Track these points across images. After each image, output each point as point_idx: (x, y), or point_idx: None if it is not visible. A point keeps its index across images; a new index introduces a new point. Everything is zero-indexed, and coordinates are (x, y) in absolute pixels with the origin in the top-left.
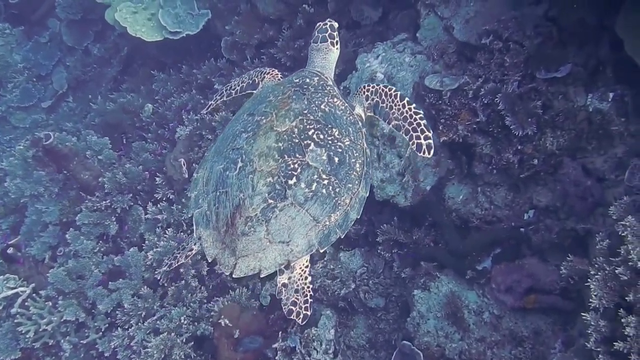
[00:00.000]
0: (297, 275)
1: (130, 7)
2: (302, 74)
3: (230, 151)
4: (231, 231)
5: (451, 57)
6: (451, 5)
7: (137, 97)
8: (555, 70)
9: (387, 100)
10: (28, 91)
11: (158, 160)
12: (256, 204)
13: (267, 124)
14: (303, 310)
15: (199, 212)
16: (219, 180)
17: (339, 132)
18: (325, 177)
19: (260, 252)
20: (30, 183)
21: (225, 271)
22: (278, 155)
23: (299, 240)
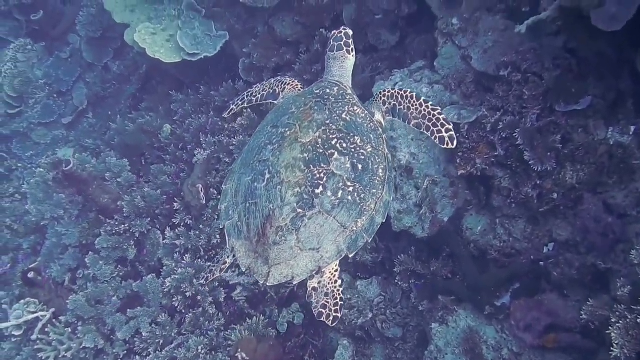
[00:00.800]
0: (327, 279)
1: (149, 29)
2: (322, 85)
3: (257, 163)
4: (263, 241)
5: (469, 87)
6: (469, 35)
7: (156, 118)
8: (575, 103)
9: (404, 102)
10: (49, 107)
11: (176, 183)
12: (286, 214)
13: (292, 136)
14: (333, 312)
15: (230, 224)
16: (248, 192)
17: (360, 139)
18: (350, 184)
19: (292, 260)
20: (51, 206)
21: (260, 280)
22: (304, 165)
23: (329, 247)
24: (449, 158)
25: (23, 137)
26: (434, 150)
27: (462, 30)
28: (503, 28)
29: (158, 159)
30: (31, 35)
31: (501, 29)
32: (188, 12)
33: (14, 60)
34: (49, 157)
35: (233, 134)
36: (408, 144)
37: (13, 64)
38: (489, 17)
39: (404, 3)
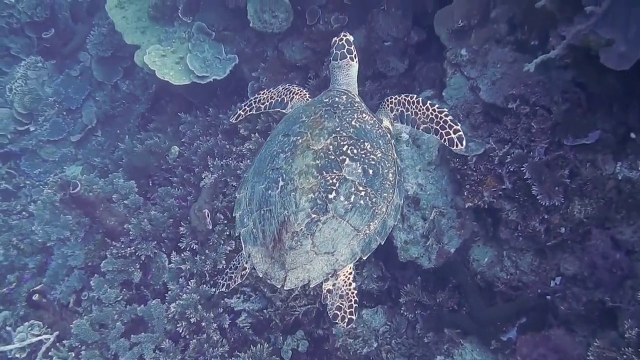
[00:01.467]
0: (341, 281)
1: (159, 51)
2: (331, 94)
3: (270, 171)
4: (279, 246)
5: (477, 118)
6: (477, 66)
7: (164, 139)
8: (584, 137)
9: (410, 108)
10: (58, 125)
11: (183, 206)
12: (301, 219)
13: (304, 144)
14: (348, 314)
15: (245, 231)
16: (262, 199)
17: (370, 145)
18: (362, 189)
19: (308, 264)
20: (57, 227)
21: (277, 284)
22: (317, 172)
23: (343, 250)
24: (456, 189)
25: (32, 154)
26: (441, 182)
27: (471, 62)
28: (512, 60)
29: (165, 180)
30: (42, 53)
31: (510, 61)
32: (198, 34)
33: (25, 78)
34: (57, 176)
35: (241, 158)
36: (415, 175)
37: (23, 81)
38: (498, 49)
39: (413, 31)
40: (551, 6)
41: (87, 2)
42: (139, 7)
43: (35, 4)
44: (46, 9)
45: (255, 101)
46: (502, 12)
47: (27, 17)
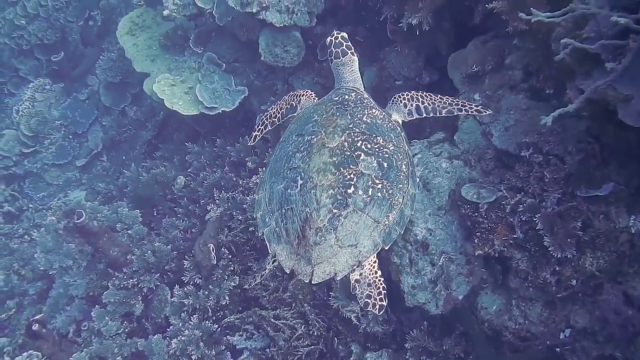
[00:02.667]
0: (367, 270)
1: (168, 80)
2: (340, 92)
3: (287, 171)
4: (304, 243)
5: (489, 164)
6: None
7: (170, 168)
8: (597, 189)
9: (426, 100)
10: (63, 148)
11: (187, 238)
12: (323, 215)
13: (319, 142)
14: (378, 301)
15: (268, 230)
16: (282, 199)
17: (382, 139)
18: (378, 182)
19: (333, 258)
20: (60, 255)
21: (305, 279)
22: (334, 168)
23: (365, 242)
24: (466, 235)
25: (36, 177)
26: (451, 227)
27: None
28: (525, 107)
29: (170, 210)
30: (50, 75)
31: (523, 108)
32: (208, 65)
33: (32, 100)
34: (61, 200)
35: (247, 191)
36: (425, 219)
37: (30, 103)
38: (512, 96)
39: (425, 71)
40: (570, 59)
41: (97, 26)
42: (150, 35)
43: (46, 26)
44: (56, 32)
45: (267, 117)
46: (517, 59)
47: (37, 39)
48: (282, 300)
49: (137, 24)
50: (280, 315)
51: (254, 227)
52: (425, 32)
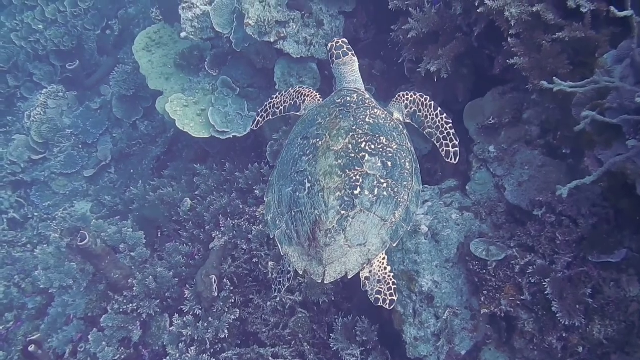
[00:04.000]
0: (376, 267)
1: (181, 100)
2: (342, 94)
3: (295, 174)
4: (314, 244)
5: (500, 218)
6: (505, 165)
7: (178, 190)
8: (609, 255)
9: (423, 110)
10: (72, 158)
11: (190, 264)
12: (331, 217)
13: (324, 145)
14: (389, 297)
15: (279, 232)
16: (292, 202)
17: (386, 139)
18: (383, 181)
19: (344, 257)
20: (61, 274)
21: (317, 279)
22: (340, 171)
23: (374, 240)
24: (473, 290)
25: (43, 185)
26: (457, 281)
27: (499, 159)
28: (540, 164)
29: (174, 232)
30: (64, 82)
31: (538, 164)
32: (222, 88)
33: (44, 106)
34: (66, 210)
35: (253, 220)
36: (432, 271)
37: (43, 109)
38: (527, 151)
39: None
40: (590, 129)
41: (114, 36)
42: (166, 53)
43: (63, 32)
44: (73, 39)
45: (270, 106)
46: (535, 115)
47: (53, 45)
48: (281, 338)
49: (154, 40)
50: (279, 354)
51: (258, 258)
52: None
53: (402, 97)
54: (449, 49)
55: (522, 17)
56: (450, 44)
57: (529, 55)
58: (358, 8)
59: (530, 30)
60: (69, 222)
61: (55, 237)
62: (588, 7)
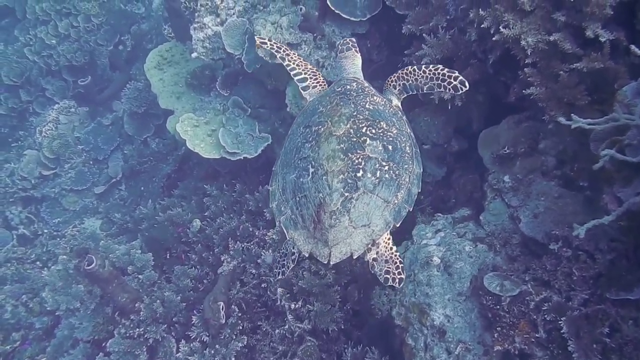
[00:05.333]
0: (383, 248)
1: (192, 120)
2: (342, 83)
3: (298, 161)
4: (319, 227)
5: (515, 250)
6: (520, 195)
7: (187, 210)
8: (628, 292)
9: (409, 77)
10: (83, 174)
11: (198, 288)
12: (336, 199)
13: (326, 131)
14: (397, 275)
15: (285, 218)
16: (296, 187)
17: (386, 124)
18: (385, 164)
19: (348, 238)
20: (68, 296)
21: (323, 260)
22: (343, 155)
23: (377, 221)
24: (485, 325)
25: (53, 201)
26: (470, 315)
27: (514, 189)
28: (557, 196)
29: (183, 253)
30: (76, 98)
31: (555, 196)
32: (233, 109)
33: (56, 122)
34: (76, 227)
35: (263, 243)
36: (444, 305)
37: (54, 124)
38: (543, 182)
39: (454, 139)
40: (609, 166)
41: (126, 52)
42: (177, 72)
43: (76, 48)
44: (86, 54)
45: (285, 52)
46: (552, 145)
47: (66, 60)
48: None
49: (166, 59)
50: None
51: (267, 283)
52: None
53: (388, 82)
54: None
55: (539, 46)
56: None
57: (545, 85)
58: (371, 30)
59: (547, 59)
60: (78, 240)
61: (63, 258)
62: (607, 36)
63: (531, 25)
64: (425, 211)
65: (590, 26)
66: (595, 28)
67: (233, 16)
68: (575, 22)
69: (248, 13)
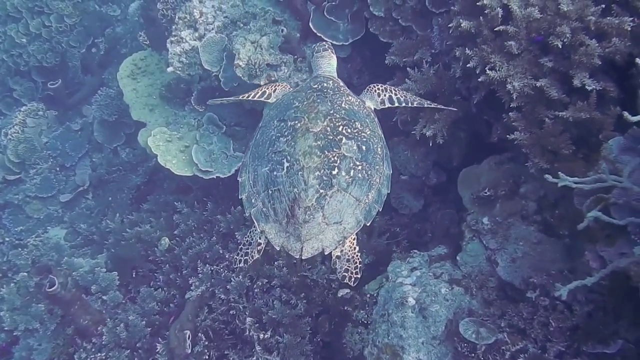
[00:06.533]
0: (347, 247)
1: (164, 134)
2: (318, 80)
3: (272, 154)
4: (293, 221)
5: (491, 293)
6: (498, 238)
7: (156, 228)
8: (605, 346)
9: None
10: (49, 181)
11: (164, 312)
12: (311, 195)
13: (303, 127)
14: (354, 274)
15: (255, 210)
16: (268, 180)
17: (360, 124)
18: (358, 164)
19: (321, 234)
20: (27, 316)
21: (295, 255)
22: (319, 151)
23: (349, 219)
24: None
25: (16, 208)
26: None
27: (492, 232)
28: (536, 241)
29: (150, 272)
30: (45, 100)
31: (534, 241)
32: (208, 125)
33: (22, 124)
34: (39, 237)
35: (233, 267)
36: (417, 348)
37: (20, 127)
38: (522, 226)
39: (433, 172)
40: (594, 225)
41: (99, 55)
42: (152, 83)
43: (47, 48)
44: (57, 55)
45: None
46: (533, 190)
47: (36, 60)
48: None
49: (140, 68)
50: None
51: (236, 310)
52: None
53: (373, 88)
54: (446, 114)
55: (525, 90)
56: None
57: (529, 130)
58: (353, 54)
59: (532, 104)
60: (41, 250)
61: (23, 275)
62: (594, 86)
63: (517, 68)
64: (400, 244)
65: (577, 75)
66: (583, 77)
67: (212, 31)
68: (562, 69)
69: (227, 29)
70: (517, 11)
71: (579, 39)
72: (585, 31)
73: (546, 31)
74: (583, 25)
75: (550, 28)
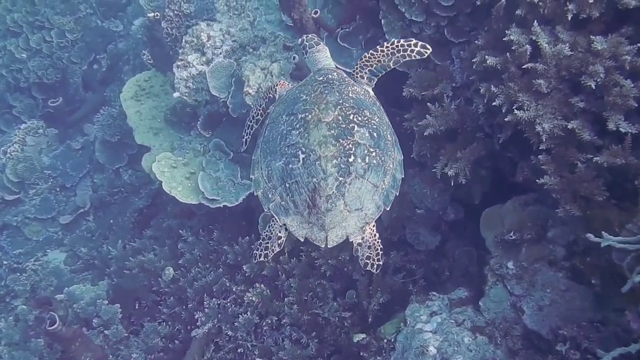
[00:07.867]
0: (368, 234)
1: (170, 160)
2: (322, 72)
3: (285, 148)
4: (315, 211)
5: (516, 342)
6: (524, 284)
7: (159, 257)
8: None
9: (372, 62)
10: (48, 202)
11: (168, 349)
12: (331, 183)
13: (314, 118)
14: (376, 261)
15: (274, 205)
16: (284, 174)
17: (369, 112)
18: (372, 150)
19: (344, 222)
20: (26, 351)
21: (320, 244)
22: (334, 140)
23: (369, 205)
24: None
25: (15, 230)
26: None
27: (517, 277)
28: (564, 288)
29: (154, 304)
30: (45, 118)
31: (562, 289)
32: (215, 151)
33: (22, 143)
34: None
35: (240, 301)
36: None
37: (20, 146)
38: (550, 272)
39: (450, 207)
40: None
41: (101, 72)
42: (156, 105)
43: (47, 64)
44: (58, 72)
45: (250, 120)
46: (562, 235)
47: (36, 76)
48: None
49: (144, 89)
50: None
51: (244, 347)
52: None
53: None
54: (469, 152)
55: (555, 132)
56: (470, 145)
57: (560, 174)
58: None
59: (562, 147)
60: (40, 275)
61: (22, 308)
62: (629, 129)
63: (547, 108)
64: (417, 283)
65: (612, 117)
66: (618, 120)
67: (220, 56)
68: (594, 109)
69: (236, 53)
70: (547, 48)
71: (613, 79)
72: (619, 70)
73: (577, 70)
74: (617, 64)
75: (582, 66)
